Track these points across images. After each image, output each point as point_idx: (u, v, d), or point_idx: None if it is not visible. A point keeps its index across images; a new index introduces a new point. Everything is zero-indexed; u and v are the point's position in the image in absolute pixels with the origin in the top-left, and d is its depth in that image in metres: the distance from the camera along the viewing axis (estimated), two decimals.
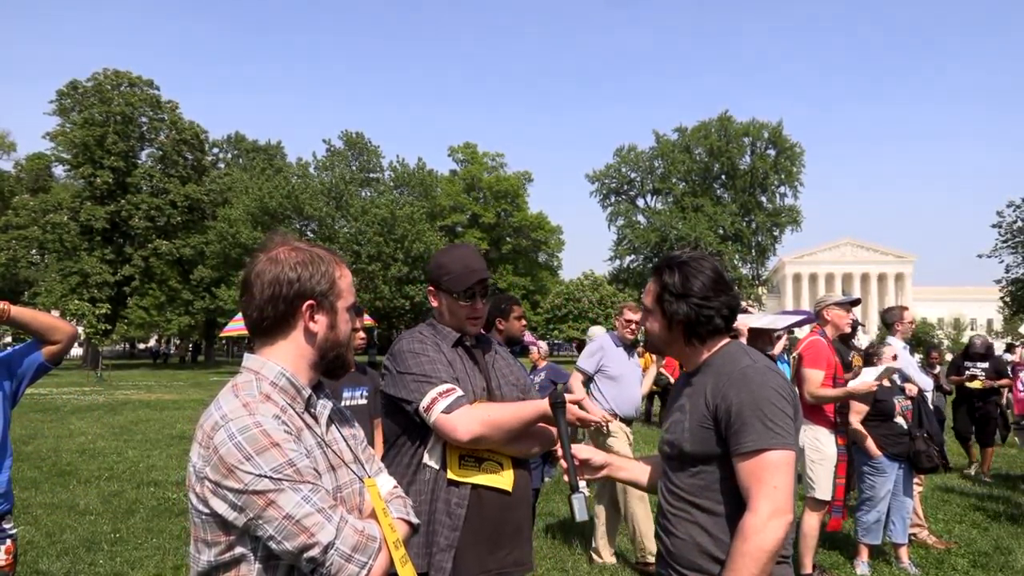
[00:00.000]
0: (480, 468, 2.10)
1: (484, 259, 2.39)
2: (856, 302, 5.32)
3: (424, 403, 2.03)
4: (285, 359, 1.47)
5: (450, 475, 2.07)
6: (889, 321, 6.07)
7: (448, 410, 2.00)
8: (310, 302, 1.46)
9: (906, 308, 6.21)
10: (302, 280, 1.45)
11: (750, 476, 1.67)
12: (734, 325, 4.57)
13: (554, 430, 2.12)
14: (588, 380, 5.37)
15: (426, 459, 2.10)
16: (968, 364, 9.23)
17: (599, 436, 5.28)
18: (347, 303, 1.52)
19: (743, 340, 4.75)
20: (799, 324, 5.63)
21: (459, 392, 2.05)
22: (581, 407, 2.31)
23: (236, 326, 7.47)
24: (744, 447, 1.68)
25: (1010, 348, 19.46)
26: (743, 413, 1.69)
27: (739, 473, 1.69)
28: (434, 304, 2.31)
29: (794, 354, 5.42)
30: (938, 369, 10.07)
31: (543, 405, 2.05)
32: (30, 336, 2.74)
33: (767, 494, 1.64)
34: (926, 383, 6.03)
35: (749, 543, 1.62)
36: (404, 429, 2.16)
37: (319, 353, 1.49)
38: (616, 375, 5.30)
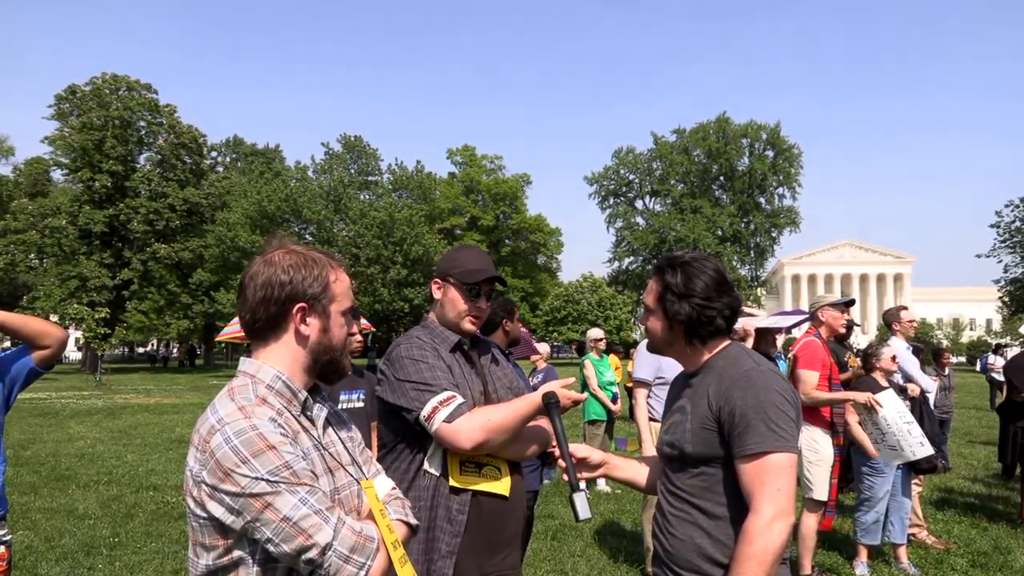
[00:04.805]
0: (480, 474, 2.10)
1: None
2: (851, 303, 5.32)
3: (425, 412, 2.01)
4: (280, 362, 1.46)
5: (452, 482, 2.07)
6: (887, 321, 6.08)
7: (450, 419, 1.99)
8: (301, 305, 1.45)
9: (905, 308, 6.21)
10: (294, 283, 1.44)
11: (753, 478, 1.67)
12: (739, 327, 4.53)
13: (551, 430, 2.12)
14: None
15: (426, 466, 2.09)
16: None
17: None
18: (342, 307, 1.51)
19: (750, 342, 4.73)
20: (801, 324, 5.63)
21: (460, 399, 2.03)
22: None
23: (231, 330, 7.47)
24: (748, 449, 1.67)
25: (997, 349, 19.47)
26: (747, 415, 1.68)
27: (742, 475, 1.69)
28: (437, 296, 2.29)
29: (789, 355, 5.41)
30: (948, 371, 9.55)
31: (537, 398, 2.04)
32: (21, 341, 2.73)
33: (770, 496, 1.64)
34: (928, 384, 6.03)
35: (754, 545, 1.62)
36: (403, 435, 2.15)
37: (312, 357, 1.48)
38: None
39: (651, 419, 4.75)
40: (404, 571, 1.41)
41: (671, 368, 4.84)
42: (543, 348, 7.65)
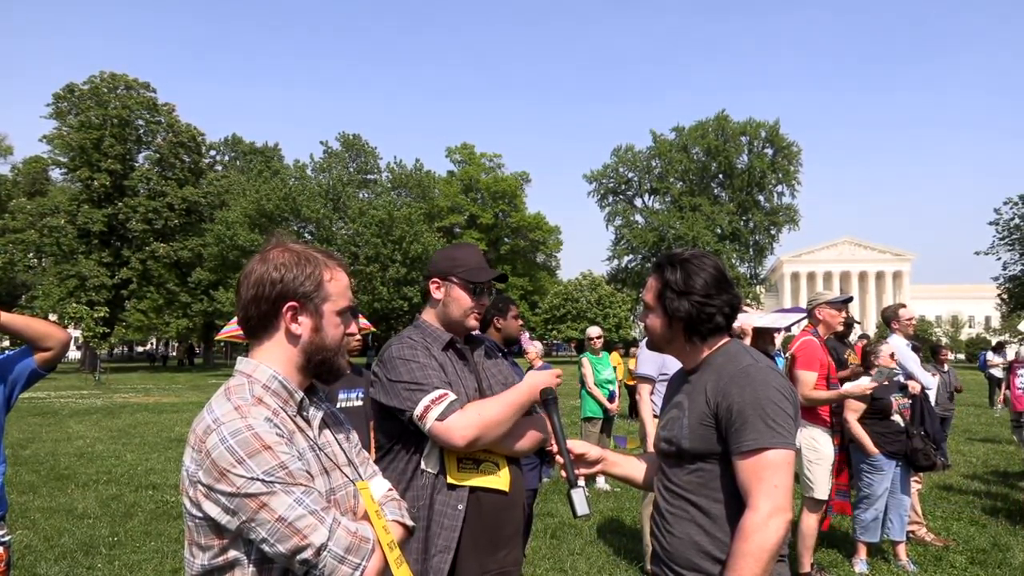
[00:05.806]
0: (478, 470, 2.10)
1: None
2: (848, 300, 5.31)
3: (418, 411, 2.01)
4: (276, 361, 1.46)
5: (450, 479, 2.07)
6: (887, 319, 6.08)
7: (442, 417, 1.99)
8: (292, 303, 1.44)
9: (903, 305, 6.21)
10: (285, 281, 1.44)
11: (751, 475, 1.66)
12: (737, 325, 4.53)
13: (549, 426, 2.11)
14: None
15: (423, 464, 2.09)
16: None
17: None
18: (337, 307, 1.50)
19: (748, 340, 4.69)
20: (800, 322, 5.62)
21: (452, 397, 2.03)
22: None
23: (231, 329, 7.52)
24: (745, 445, 1.67)
25: (997, 347, 19.46)
26: (745, 412, 1.68)
27: (739, 471, 1.69)
28: (437, 296, 2.27)
29: (787, 354, 5.40)
30: (947, 368, 9.52)
31: (526, 387, 2.05)
32: (24, 343, 2.73)
33: (767, 493, 1.63)
34: (928, 381, 6.03)
35: (750, 542, 1.62)
36: (399, 436, 2.14)
37: (305, 356, 1.47)
38: None
39: (655, 415, 4.74)
40: (400, 572, 1.40)
41: (674, 365, 4.79)
42: (536, 346, 7.60)
